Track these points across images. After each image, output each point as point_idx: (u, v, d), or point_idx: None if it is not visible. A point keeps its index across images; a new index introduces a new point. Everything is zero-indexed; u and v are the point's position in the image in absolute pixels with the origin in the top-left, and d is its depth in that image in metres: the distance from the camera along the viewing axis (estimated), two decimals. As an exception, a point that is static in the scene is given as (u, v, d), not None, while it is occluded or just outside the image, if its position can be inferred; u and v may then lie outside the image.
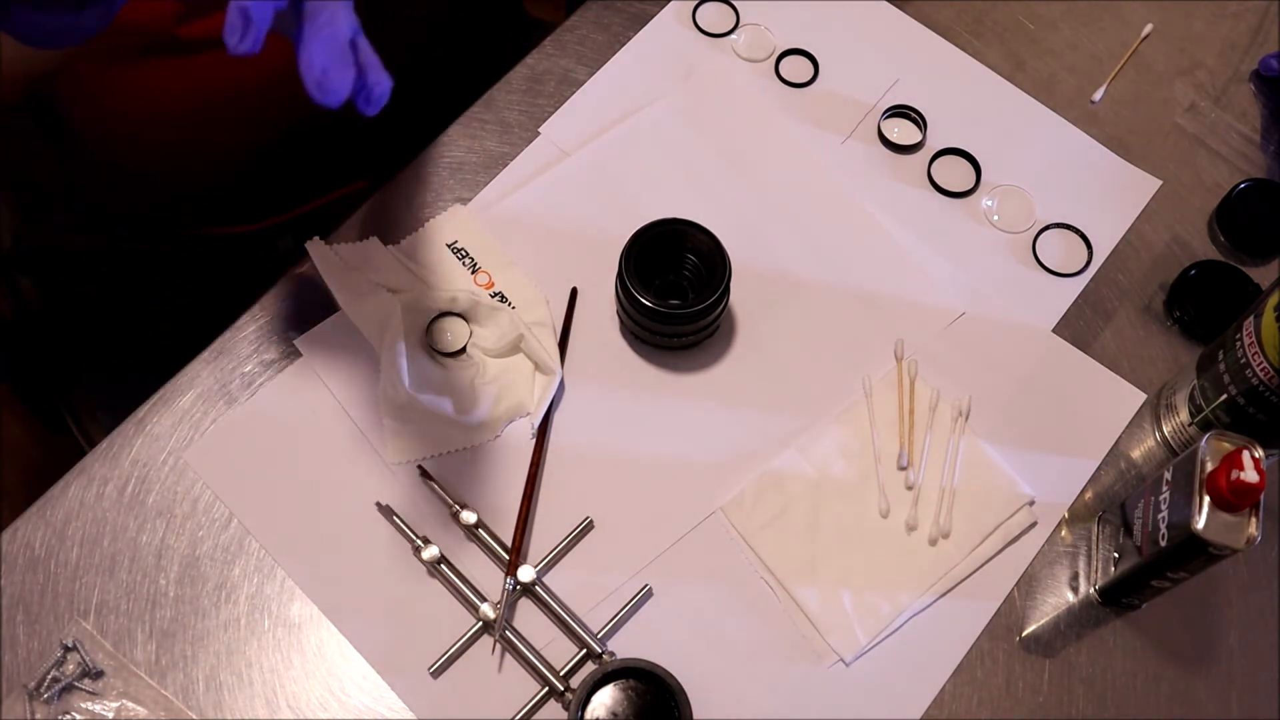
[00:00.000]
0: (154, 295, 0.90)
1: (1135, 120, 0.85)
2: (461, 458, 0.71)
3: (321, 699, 0.66)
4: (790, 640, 0.67)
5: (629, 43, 0.86)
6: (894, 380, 0.74)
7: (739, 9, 0.88)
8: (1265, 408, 0.65)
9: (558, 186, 0.80)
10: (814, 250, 0.79)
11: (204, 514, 0.70)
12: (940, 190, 0.82)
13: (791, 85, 0.85)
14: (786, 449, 0.72)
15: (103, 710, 0.64)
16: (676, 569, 0.69)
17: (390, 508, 0.70)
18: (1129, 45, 0.88)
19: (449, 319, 0.74)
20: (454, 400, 0.72)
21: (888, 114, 0.84)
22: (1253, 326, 0.64)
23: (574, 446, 0.72)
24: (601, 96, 0.84)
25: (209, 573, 0.68)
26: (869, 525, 0.70)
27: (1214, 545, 0.58)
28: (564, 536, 0.69)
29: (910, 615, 0.68)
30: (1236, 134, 0.85)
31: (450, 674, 0.66)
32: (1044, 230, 0.80)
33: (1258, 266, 0.80)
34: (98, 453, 0.71)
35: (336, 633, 0.67)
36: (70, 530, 0.69)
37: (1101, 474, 0.73)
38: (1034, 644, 0.68)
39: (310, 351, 0.74)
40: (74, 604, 0.67)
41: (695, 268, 0.73)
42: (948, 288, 0.78)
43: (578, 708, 0.62)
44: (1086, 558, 0.71)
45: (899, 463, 0.72)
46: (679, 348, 0.75)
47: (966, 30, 0.89)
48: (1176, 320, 0.78)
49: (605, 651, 0.66)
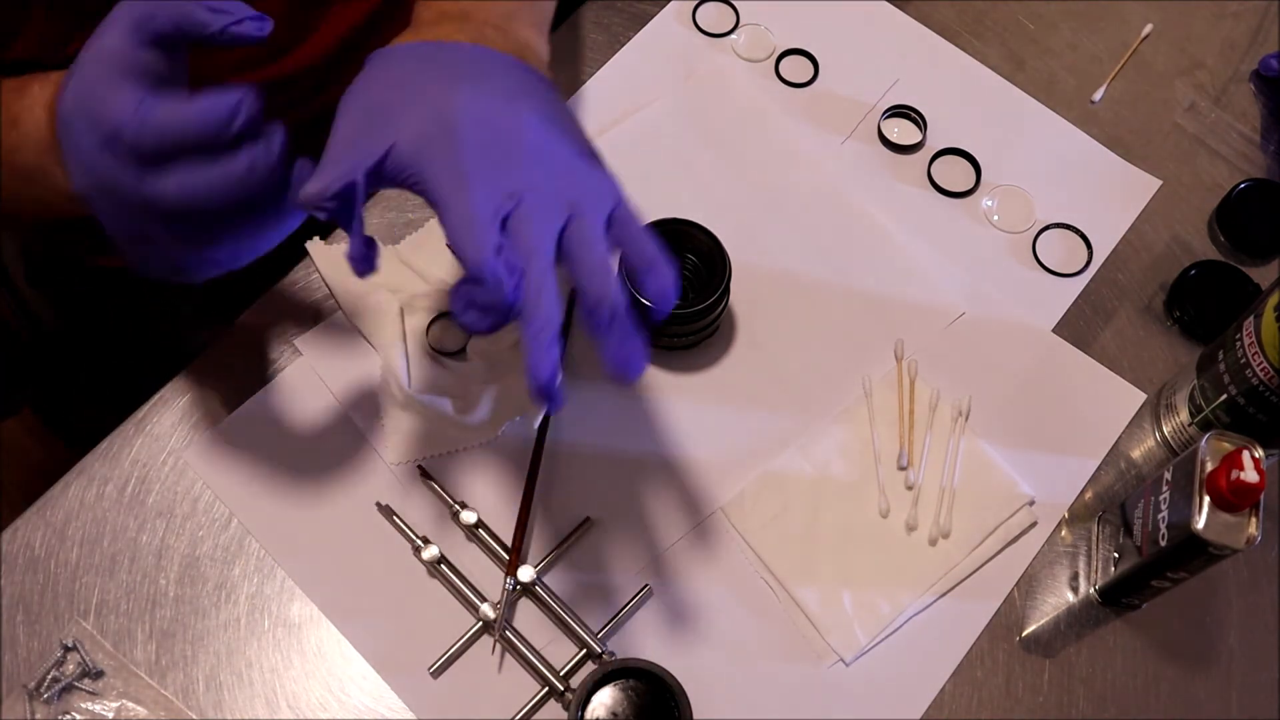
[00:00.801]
0: (154, 295, 0.90)
1: (1135, 120, 0.85)
2: (461, 458, 0.71)
3: (321, 699, 0.66)
4: (790, 640, 0.67)
5: (629, 43, 0.86)
6: (894, 380, 0.74)
7: (739, 9, 0.88)
8: (1265, 408, 0.65)
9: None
10: (814, 250, 0.79)
11: (204, 514, 0.70)
12: (940, 190, 0.82)
13: (791, 85, 0.85)
14: (786, 449, 0.72)
15: (103, 710, 0.64)
16: (676, 569, 0.69)
17: (390, 508, 0.70)
18: (1129, 45, 0.88)
19: (449, 319, 0.74)
20: (454, 400, 0.72)
21: (888, 114, 0.84)
22: (1253, 326, 0.64)
23: (574, 446, 0.72)
24: (601, 96, 0.84)
25: (209, 573, 0.68)
26: (869, 525, 0.70)
27: (1214, 545, 0.58)
28: (564, 536, 0.69)
29: (910, 615, 0.68)
30: (1236, 134, 0.85)
31: (450, 674, 0.66)
32: (1044, 230, 0.80)
33: (1258, 266, 0.80)
34: (98, 453, 0.71)
35: (336, 633, 0.67)
36: (70, 530, 0.69)
37: (1101, 474, 0.73)
38: (1034, 644, 0.68)
39: (310, 351, 0.74)
40: (74, 604, 0.67)
41: (695, 268, 0.73)
42: (948, 288, 0.78)
43: (578, 708, 0.62)
44: (1086, 558, 0.71)
45: (899, 463, 0.72)
46: (679, 348, 0.75)
47: (966, 30, 0.89)
48: (1176, 320, 0.78)
49: (605, 651, 0.66)
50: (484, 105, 0.53)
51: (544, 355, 0.49)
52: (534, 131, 0.53)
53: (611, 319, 0.50)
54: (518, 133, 0.53)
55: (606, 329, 0.50)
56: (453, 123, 0.52)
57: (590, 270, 0.51)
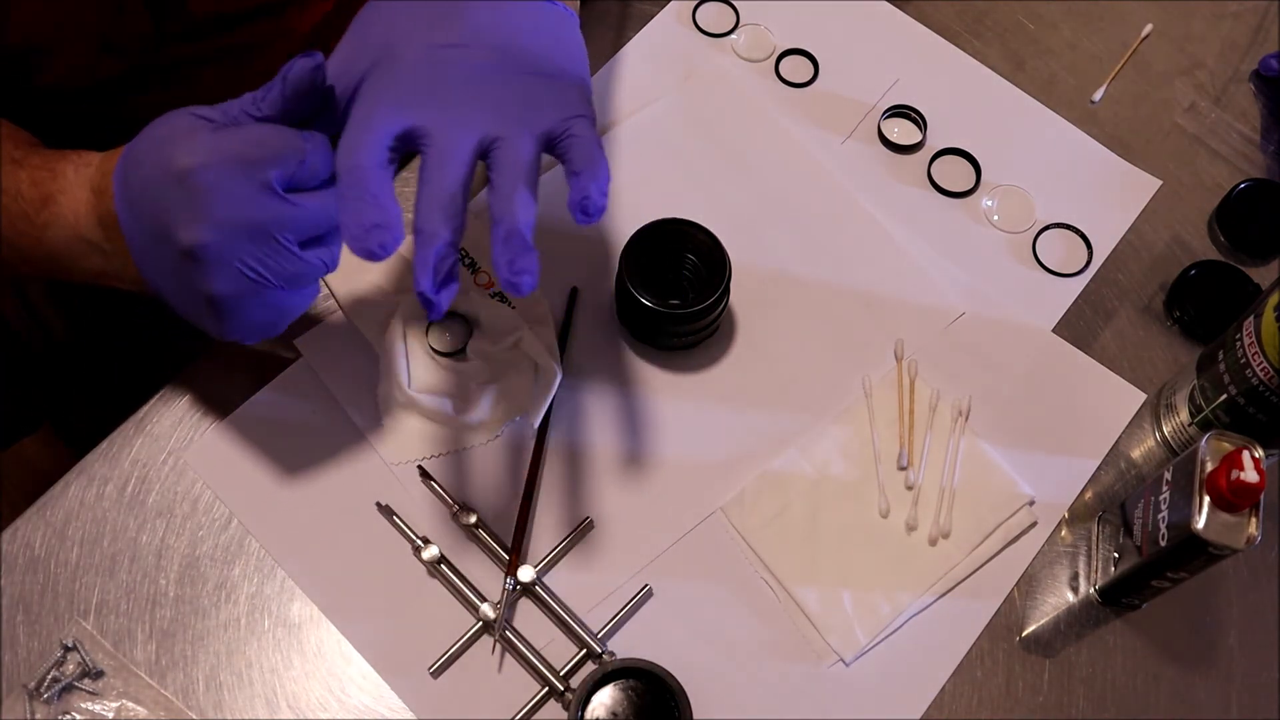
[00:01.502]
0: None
1: (1135, 120, 0.85)
2: (461, 458, 0.71)
3: (321, 699, 0.66)
4: (790, 640, 0.67)
5: (629, 43, 0.86)
6: (894, 380, 0.74)
7: (739, 9, 0.88)
8: (1265, 408, 0.65)
9: (558, 186, 0.80)
10: (814, 250, 0.79)
11: (204, 514, 0.70)
12: (940, 190, 0.82)
13: (791, 85, 0.85)
14: (786, 449, 0.72)
15: (103, 710, 0.64)
16: (676, 569, 0.69)
17: (390, 508, 0.70)
18: (1129, 45, 0.88)
19: (449, 319, 0.74)
20: (454, 400, 0.72)
21: (888, 114, 0.84)
22: (1253, 326, 0.64)
23: (574, 446, 0.72)
24: (601, 96, 0.84)
25: (209, 573, 0.68)
26: (869, 525, 0.70)
27: (1214, 545, 0.58)
28: (564, 536, 0.69)
29: (910, 615, 0.68)
30: (1236, 134, 0.85)
31: (450, 674, 0.66)
32: (1044, 230, 0.80)
33: (1258, 266, 0.80)
34: (98, 453, 0.71)
35: (336, 633, 0.67)
36: (70, 530, 0.69)
37: (1101, 474, 0.73)
38: (1034, 644, 0.68)
39: (310, 351, 0.74)
40: (74, 604, 0.67)
41: (695, 268, 0.73)
42: (948, 288, 0.78)
43: (578, 708, 0.62)
44: (1086, 558, 0.71)
45: (899, 463, 0.72)
46: (679, 348, 0.75)
47: (966, 30, 0.89)
48: (1176, 320, 0.78)
49: (605, 651, 0.66)
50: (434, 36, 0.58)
51: (424, 269, 0.54)
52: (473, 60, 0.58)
53: (507, 237, 0.54)
54: (453, 63, 0.58)
55: (502, 245, 0.54)
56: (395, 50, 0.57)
57: (496, 193, 0.55)
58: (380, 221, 0.53)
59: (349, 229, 0.54)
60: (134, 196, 0.55)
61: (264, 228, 0.54)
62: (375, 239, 0.53)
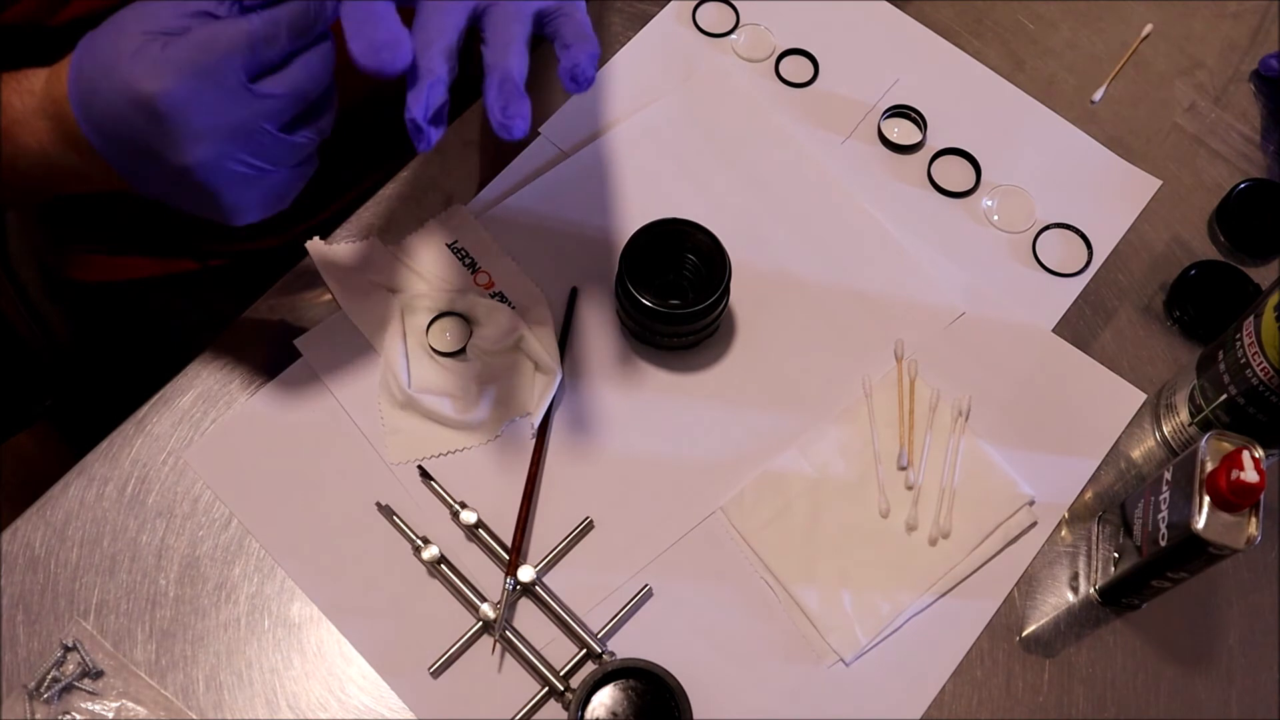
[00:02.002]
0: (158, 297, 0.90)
1: (1135, 120, 0.85)
2: (461, 458, 0.71)
3: (321, 699, 0.66)
4: (790, 640, 0.67)
5: (629, 43, 0.86)
6: (894, 380, 0.74)
7: (739, 9, 0.88)
8: (1265, 408, 0.65)
9: (558, 186, 0.80)
10: (814, 250, 0.79)
11: (204, 514, 0.70)
12: (940, 190, 0.82)
13: (791, 85, 0.85)
14: (786, 449, 0.72)
15: (103, 710, 0.64)
16: (676, 569, 0.69)
17: (390, 508, 0.70)
18: (1129, 45, 0.88)
19: (449, 319, 0.74)
20: (454, 400, 0.72)
21: (888, 114, 0.84)
22: (1253, 326, 0.64)
23: (574, 446, 0.72)
24: (601, 96, 0.84)
25: (209, 573, 0.68)
26: (869, 525, 0.70)
27: (1214, 545, 0.58)
28: (564, 536, 0.69)
29: (910, 615, 0.68)
30: (1236, 134, 0.85)
31: (450, 674, 0.66)
32: (1044, 230, 0.80)
33: (1258, 266, 0.80)
34: (98, 453, 0.71)
35: (336, 633, 0.67)
36: (70, 530, 0.69)
37: (1101, 474, 0.73)
38: (1034, 644, 0.68)
39: (310, 351, 0.74)
40: (74, 604, 0.67)
41: (695, 268, 0.73)
42: (948, 288, 0.78)
43: (578, 708, 0.62)
44: (1086, 558, 0.71)
45: (899, 463, 0.72)
46: (679, 348, 0.75)
47: (966, 30, 0.89)
48: (1176, 320, 0.78)
49: (605, 651, 0.66)
50: None
51: (418, 99, 0.55)
52: None
53: (501, 83, 0.56)
54: None
55: (496, 90, 0.56)
56: None
57: (491, 46, 0.58)
58: (389, 40, 0.54)
59: (359, 50, 0.54)
60: (103, 125, 0.53)
61: (246, 126, 0.53)
62: (385, 55, 0.54)
